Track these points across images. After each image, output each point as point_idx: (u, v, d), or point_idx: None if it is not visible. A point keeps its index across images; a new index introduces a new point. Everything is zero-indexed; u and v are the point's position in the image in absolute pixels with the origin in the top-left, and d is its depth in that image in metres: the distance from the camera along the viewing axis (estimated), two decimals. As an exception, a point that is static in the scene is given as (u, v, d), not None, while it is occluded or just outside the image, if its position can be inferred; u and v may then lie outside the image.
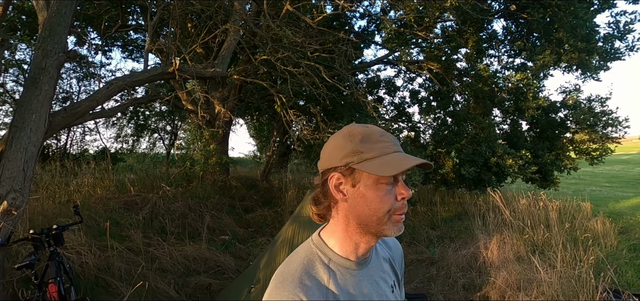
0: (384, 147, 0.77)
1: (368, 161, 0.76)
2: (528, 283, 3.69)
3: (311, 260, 0.79)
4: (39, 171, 6.10)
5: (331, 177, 0.78)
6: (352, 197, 0.78)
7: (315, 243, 0.83)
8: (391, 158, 0.76)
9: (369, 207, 0.77)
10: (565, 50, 6.12)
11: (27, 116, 2.94)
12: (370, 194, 0.76)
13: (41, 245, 2.86)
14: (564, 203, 6.53)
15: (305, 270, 0.76)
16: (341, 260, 0.80)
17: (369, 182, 0.76)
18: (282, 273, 0.77)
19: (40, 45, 3.11)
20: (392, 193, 0.77)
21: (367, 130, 0.79)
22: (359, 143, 0.77)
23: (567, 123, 8.15)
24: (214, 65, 3.71)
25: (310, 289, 0.74)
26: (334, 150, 0.79)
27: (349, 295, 0.79)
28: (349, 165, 0.77)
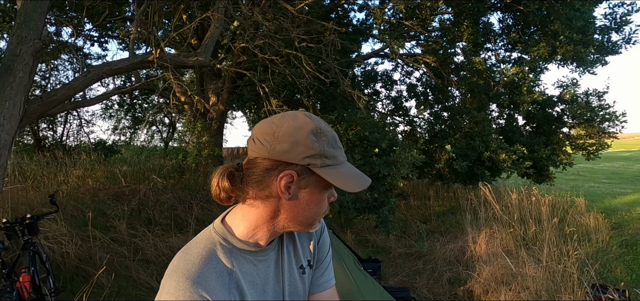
0: (341, 154, 0.75)
1: (329, 168, 0.72)
2: (512, 278, 3.64)
3: (212, 249, 0.72)
4: (28, 161, 6.09)
5: (284, 174, 0.70)
6: (297, 197, 0.73)
7: (217, 231, 0.76)
8: (349, 171, 0.75)
9: (310, 210, 0.74)
10: (561, 43, 6.02)
11: (0, 104, 2.89)
12: (315, 198, 0.74)
13: (15, 234, 2.83)
14: (557, 198, 6.47)
15: (205, 262, 0.70)
16: (247, 246, 0.75)
17: (319, 187, 0.73)
18: (178, 267, 0.68)
19: (16, 31, 3.06)
20: (327, 197, 0.77)
21: (330, 131, 0.74)
22: (327, 146, 0.72)
23: (564, 118, 8.05)
24: (196, 54, 3.65)
25: (212, 284, 0.68)
26: (296, 146, 0.70)
27: (252, 284, 0.75)
28: (310, 166, 0.71)
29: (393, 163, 4.88)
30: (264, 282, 0.78)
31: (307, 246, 0.89)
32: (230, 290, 0.71)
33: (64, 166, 6.39)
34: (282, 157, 0.70)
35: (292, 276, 0.84)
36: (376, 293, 3.26)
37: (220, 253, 0.72)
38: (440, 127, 8.12)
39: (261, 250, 0.77)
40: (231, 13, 3.54)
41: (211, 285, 0.68)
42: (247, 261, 0.75)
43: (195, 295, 0.65)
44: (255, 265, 0.76)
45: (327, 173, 0.71)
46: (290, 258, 0.85)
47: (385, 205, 5.03)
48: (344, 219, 6.61)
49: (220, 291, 0.69)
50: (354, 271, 3.25)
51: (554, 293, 3.33)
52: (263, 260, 0.78)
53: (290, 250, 0.85)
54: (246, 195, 0.75)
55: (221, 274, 0.70)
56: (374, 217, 5.40)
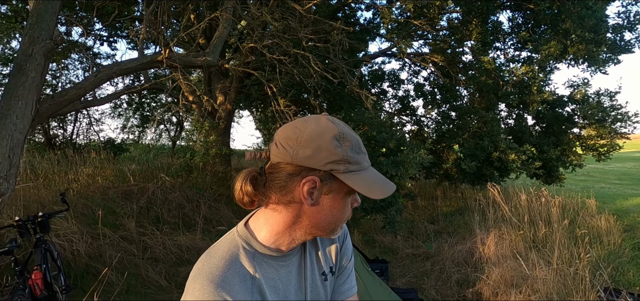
0: (365, 160, 0.74)
1: (353, 174, 0.70)
2: (522, 280, 3.59)
3: (235, 253, 0.72)
4: (39, 159, 6.18)
5: (307, 180, 0.69)
6: (319, 203, 0.72)
7: (241, 234, 0.76)
8: (373, 177, 0.73)
9: (333, 216, 0.74)
10: (572, 42, 5.92)
11: (12, 103, 2.94)
12: (338, 204, 0.73)
13: (27, 231, 2.87)
14: (567, 199, 6.38)
15: (229, 266, 0.70)
16: (270, 251, 0.75)
17: (342, 193, 0.72)
18: (203, 270, 0.69)
19: (28, 32, 3.10)
20: (349, 203, 0.76)
21: (354, 135, 0.73)
22: (350, 151, 0.70)
23: (575, 118, 7.93)
24: (204, 54, 3.66)
25: (235, 288, 0.68)
26: (319, 151, 0.69)
27: (275, 289, 0.75)
28: (333, 172, 0.70)
29: (401, 163, 4.85)
30: (285, 287, 0.77)
31: (329, 253, 0.88)
32: (253, 294, 0.71)
33: (74, 164, 6.47)
34: (305, 162, 0.69)
35: (314, 282, 0.83)
36: (384, 294, 3.25)
37: (243, 257, 0.72)
38: (448, 127, 8.06)
39: (283, 255, 0.77)
40: (239, 13, 3.55)
41: (234, 289, 0.68)
42: (269, 266, 0.75)
43: (218, 298, 0.65)
44: (278, 270, 0.76)
45: (350, 179, 0.70)
46: (312, 264, 0.84)
47: (392, 206, 5.00)
48: (351, 219, 6.59)
49: (242, 295, 0.69)
50: (361, 271, 3.23)
51: (565, 296, 3.28)
52: (285, 265, 0.78)
53: (313, 256, 0.85)
54: (269, 199, 0.74)
55: (244, 278, 0.71)
56: (381, 217, 5.38)
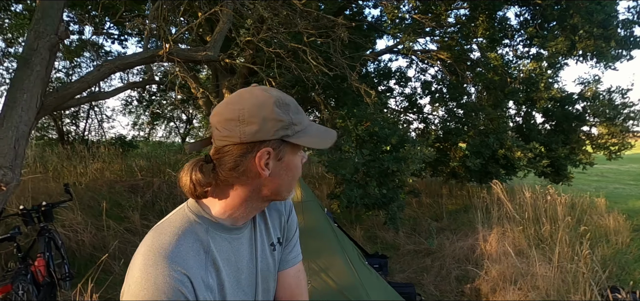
0: (305, 118, 0.77)
1: (301, 133, 0.74)
2: (522, 277, 3.55)
3: (187, 227, 0.72)
4: (50, 153, 6.35)
5: (262, 153, 0.71)
6: (275, 170, 0.74)
7: (192, 209, 0.75)
8: (319, 131, 0.77)
9: (289, 177, 0.76)
10: (580, 37, 5.79)
11: (18, 95, 3.03)
12: (293, 164, 0.76)
13: (31, 220, 2.97)
14: (576, 198, 6.25)
15: (181, 240, 0.69)
16: (222, 227, 0.76)
17: (294, 152, 0.76)
18: (153, 246, 0.67)
19: (33, 27, 3.19)
20: (300, 159, 0.79)
21: (290, 98, 0.75)
22: (292, 114, 0.73)
23: (585, 116, 7.75)
24: (205, 48, 3.72)
25: (190, 261, 0.68)
26: (264, 121, 0.69)
27: (227, 261, 0.76)
28: (284, 138, 0.72)
29: (402, 159, 4.83)
30: (237, 259, 0.79)
31: (277, 225, 0.91)
32: (207, 267, 0.71)
33: (84, 159, 6.64)
34: (255, 137, 0.70)
35: (264, 252, 0.86)
36: (380, 289, 3.25)
37: (196, 231, 0.72)
38: (454, 125, 7.98)
39: (237, 228, 0.79)
40: (239, 8, 3.58)
41: (189, 263, 0.68)
42: (222, 239, 0.76)
43: (173, 272, 0.64)
44: (230, 243, 0.77)
45: (301, 139, 0.73)
46: (262, 236, 0.86)
47: (394, 202, 4.99)
48: (354, 215, 6.60)
49: (197, 268, 0.69)
50: (358, 265, 3.24)
51: (564, 293, 3.23)
52: (237, 238, 0.79)
53: (262, 228, 0.87)
54: (220, 180, 0.74)
55: (197, 252, 0.70)
56: (383, 213, 5.37)
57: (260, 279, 0.84)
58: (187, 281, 0.66)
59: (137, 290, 0.64)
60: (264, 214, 0.88)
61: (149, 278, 0.64)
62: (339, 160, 4.59)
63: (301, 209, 3.39)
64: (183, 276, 0.66)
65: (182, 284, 0.65)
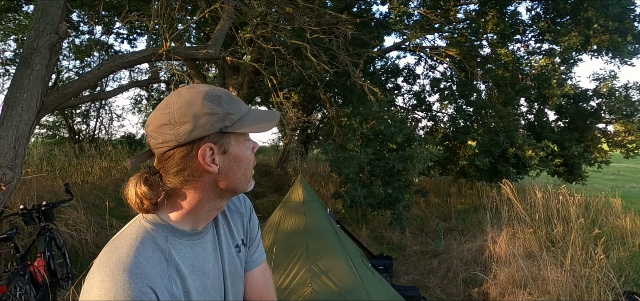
0: (241, 105, 0.74)
1: (241, 121, 0.72)
2: (532, 281, 3.42)
3: (145, 237, 0.68)
4: (57, 152, 6.41)
5: (203, 151, 0.69)
6: (224, 164, 0.72)
7: (148, 219, 0.71)
8: (258, 115, 0.75)
9: (241, 168, 0.74)
10: (595, 32, 5.57)
11: (18, 95, 3.03)
12: (242, 154, 0.74)
13: (31, 220, 2.96)
14: (590, 198, 6.04)
15: (140, 251, 0.65)
16: (182, 233, 0.73)
17: (239, 142, 0.73)
18: (110, 261, 0.63)
19: (33, 26, 3.19)
20: (250, 148, 0.77)
21: (221, 89, 0.74)
22: (225, 104, 0.71)
23: (600, 112, 7.49)
24: (206, 46, 3.67)
25: (151, 272, 0.64)
26: (197, 118, 0.67)
27: (192, 267, 0.73)
28: (222, 130, 0.70)
29: (409, 158, 4.71)
30: (202, 264, 0.76)
31: (240, 227, 0.90)
32: (171, 276, 0.68)
33: (91, 157, 6.69)
34: (191, 136, 0.68)
35: (230, 254, 0.84)
36: (382, 291, 3.16)
37: (155, 240, 0.69)
38: (463, 122, 7.81)
39: (198, 233, 0.76)
40: (239, 5, 3.52)
41: (150, 274, 0.64)
42: (184, 246, 0.73)
43: (134, 286, 0.60)
44: (193, 248, 0.75)
45: (241, 127, 0.71)
46: (227, 238, 0.85)
47: (399, 202, 4.88)
48: (360, 214, 6.50)
49: (160, 279, 0.65)
50: (360, 267, 3.16)
51: (577, 299, 3.09)
52: (200, 243, 0.76)
53: (226, 231, 0.86)
54: (170, 188, 0.71)
55: (159, 261, 0.67)
56: (389, 213, 5.27)
57: (229, 282, 0.82)
58: (151, 293, 0.63)
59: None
60: (226, 216, 0.86)
61: (107, 292, 0.59)
62: (343, 159, 4.50)
63: (303, 210, 3.32)
64: (146, 289, 0.62)
65: (146, 297, 0.62)
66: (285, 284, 2.84)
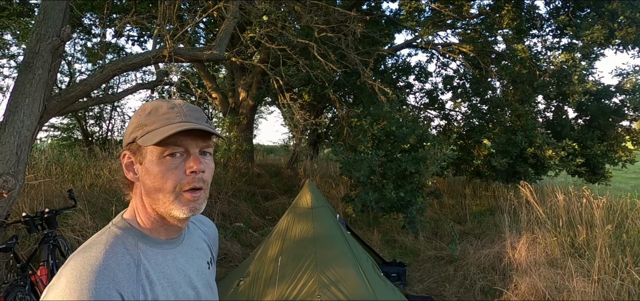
0: (169, 118, 0.70)
1: (148, 133, 0.70)
2: (557, 292, 3.20)
3: (115, 242, 0.68)
4: (67, 155, 6.41)
5: (123, 156, 0.74)
6: (141, 174, 0.72)
7: (118, 225, 0.73)
8: (169, 128, 0.69)
9: (154, 184, 0.71)
10: (620, 24, 5.26)
11: (20, 100, 2.97)
12: (154, 169, 0.70)
13: (34, 227, 2.89)
14: (614, 199, 5.73)
15: (109, 255, 0.65)
16: (152, 241, 0.74)
17: (154, 156, 0.70)
18: (77, 264, 0.62)
19: (35, 29, 3.12)
20: (180, 168, 0.71)
21: (159, 103, 0.73)
22: (146, 116, 0.72)
23: (624, 110, 7.14)
24: (210, 47, 3.56)
25: (119, 275, 0.64)
26: (128, 128, 0.74)
27: (163, 274, 0.73)
28: (135, 140, 0.72)
29: (421, 159, 4.52)
30: (174, 273, 0.75)
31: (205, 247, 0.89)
32: (139, 280, 0.68)
33: (102, 160, 6.68)
34: (123, 144, 0.75)
35: (201, 268, 0.83)
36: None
37: (125, 245, 0.70)
38: (478, 121, 7.55)
39: (167, 242, 0.76)
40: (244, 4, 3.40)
41: (118, 277, 0.64)
42: (155, 253, 0.73)
43: (101, 288, 0.60)
44: (164, 256, 0.75)
45: (145, 139, 0.69)
46: (199, 252, 0.85)
47: (412, 205, 4.69)
48: (372, 218, 6.33)
49: (127, 283, 0.65)
50: (371, 276, 3.00)
51: (606, 312, 2.88)
52: (171, 251, 0.76)
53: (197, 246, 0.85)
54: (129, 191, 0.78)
55: (128, 266, 0.67)
56: (402, 216, 5.08)
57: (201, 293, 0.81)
58: (117, 295, 0.63)
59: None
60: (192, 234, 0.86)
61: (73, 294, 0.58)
62: (354, 162, 4.34)
63: (311, 216, 3.18)
64: (114, 292, 0.62)
65: (111, 298, 0.62)
66: (293, 295, 2.70)
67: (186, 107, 0.73)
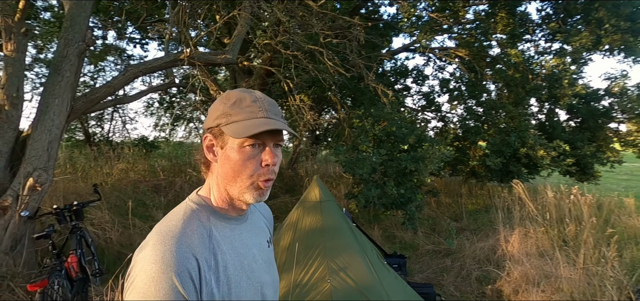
0: (252, 112, 0.78)
1: (233, 124, 0.77)
2: (545, 279, 3.47)
3: (191, 214, 0.78)
4: (77, 155, 6.61)
5: (205, 138, 0.82)
6: (220, 158, 0.80)
7: (193, 200, 0.83)
8: (253, 122, 0.77)
9: (233, 170, 0.78)
10: (606, 31, 5.58)
11: (50, 101, 3.19)
12: (234, 156, 0.78)
13: (64, 219, 3.11)
14: (602, 198, 6.04)
15: (186, 223, 0.75)
16: (219, 215, 0.82)
17: (235, 144, 0.78)
18: (160, 231, 0.73)
19: (63, 34, 3.35)
20: (256, 159, 0.78)
21: (242, 94, 0.80)
22: (230, 106, 0.79)
23: (612, 112, 7.47)
24: (224, 52, 3.80)
25: (195, 241, 0.74)
26: (211, 112, 0.81)
27: (231, 246, 0.82)
28: (219, 126, 0.79)
29: (420, 159, 4.79)
30: (240, 245, 0.84)
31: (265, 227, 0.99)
32: (211, 249, 0.76)
33: (110, 160, 6.89)
34: (205, 126, 0.83)
35: (262, 245, 0.92)
36: (399, 288, 3.25)
37: (199, 218, 0.79)
38: (473, 123, 7.84)
39: (234, 218, 0.85)
40: (256, 11, 3.65)
41: (194, 243, 0.73)
42: (224, 226, 0.82)
43: (180, 250, 0.70)
44: (232, 230, 0.83)
45: (229, 128, 0.77)
46: (260, 230, 0.94)
47: (412, 202, 4.96)
48: (372, 214, 6.59)
49: (202, 250, 0.74)
50: (377, 265, 3.25)
51: (590, 296, 3.15)
52: (237, 226, 0.85)
53: (261, 223, 0.96)
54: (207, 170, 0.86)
55: (201, 235, 0.76)
56: (401, 213, 5.34)
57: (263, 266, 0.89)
58: (194, 260, 0.71)
59: (145, 266, 0.68)
60: (260, 213, 0.98)
61: (158, 254, 0.69)
62: (356, 160, 4.60)
63: (320, 209, 3.43)
64: (190, 256, 0.71)
65: (188, 262, 0.70)
66: (306, 280, 2.95)
67: (266, 101, 0.81)
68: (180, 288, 0.67)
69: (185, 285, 0.68)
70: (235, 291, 0.79)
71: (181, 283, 0.68)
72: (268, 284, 0.90)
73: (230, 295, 0.78)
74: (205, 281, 0.73)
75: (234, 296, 0.78)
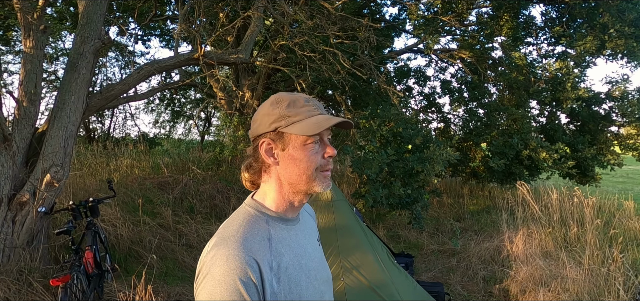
0: (309, 111, 0.83)
1: (295, 124, 0.82)
2: (551, 279, 3.55)
3: (250, 219, 0.82)
4: (83, 151, 6.62)
5: (262, 143, 0.84)
6: (282, 159, 0.83)
7: (250, 205, 0.86)
8: (315, 119, 0.82)
9: (299, 167, 0.82)
10: (610, 37, 5.67)
11: (66, 98, 3.22)
12: (299, 155, 0.82)
13: (79, 215, 3.14)
14: (603, 200, 6.14)
15: (248, 229, 0.79)
16: (278, 218, 0.86)
17: (298, 143, 0.82)
18: (224, 235, 0.77)
19: (79, 32, 3.37)
20: (319, 152, 0.84)
21: (293, 96, 0.85)
22: (286, 108, 0.82)
23: (613, 115, 7.58)
24: (237, 51, 3.83)
25: (256, 246, 0.77)
26: (263, 118, 0.84)
27: (289, 247, 0.85)
28: (278, 129, 0.82)
29: (427, 159, 4.86)
30: (297, 246, 0.87)
31: (314, 226, 1.03)
32: (272, 252, 0.80)
33: (114, 156, 6.90)
34: (257, 131, 0.85)
35: (314, 245, 0.96)
36: (409, 287, 3.31)
37: (258, 222, 0.83)
38: (475, 124, 7.92)
39: (290, 220, 0.89)
40: (271, 12, 3.69)
41: (255, 247, 0.77)
42: (281, 229, 0.85)
43: (243, 254, 0.73)
44: (288, 232, 0.87)
45: (291, 128, 0.81)
46: (311, 229, 0.98)
47: (418, 202, 5.02)
48: (375, 214, 6.66)
49: (263, 253, 0.77)
50: (387, 263, 3.31)
51: (596, 296, 3.22)
52: (292, 228, 0.89)
53: (312, 223, 1.00)
54: (258, 176, 0.88)
55: (262, 238, 0.80)
56: (407, 213, 5.41)
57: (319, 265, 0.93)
58: (255, 264, 0.74)
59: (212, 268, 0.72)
60: (306, 213, 1.01)
61: (222, 258, 0.72)
62: (364, 160, 4.65)
63: (332, 208, 3.48)
64: (252, 260, 0.74)
65: (250, 266, 0.73)
66: (319, 278, 3.00)
67: (314, 100, 0.87)
68: (243, 291, 0.71)
69: (248, 287, 0.72)
70: (296, 290, 0.82)
71: (244, 286, 0.71)
72: (325, 281, 0.93)
73: (292, 294, 0.81)
74: (268, 283, 0.76)
75: (295, 296, 0.81)
